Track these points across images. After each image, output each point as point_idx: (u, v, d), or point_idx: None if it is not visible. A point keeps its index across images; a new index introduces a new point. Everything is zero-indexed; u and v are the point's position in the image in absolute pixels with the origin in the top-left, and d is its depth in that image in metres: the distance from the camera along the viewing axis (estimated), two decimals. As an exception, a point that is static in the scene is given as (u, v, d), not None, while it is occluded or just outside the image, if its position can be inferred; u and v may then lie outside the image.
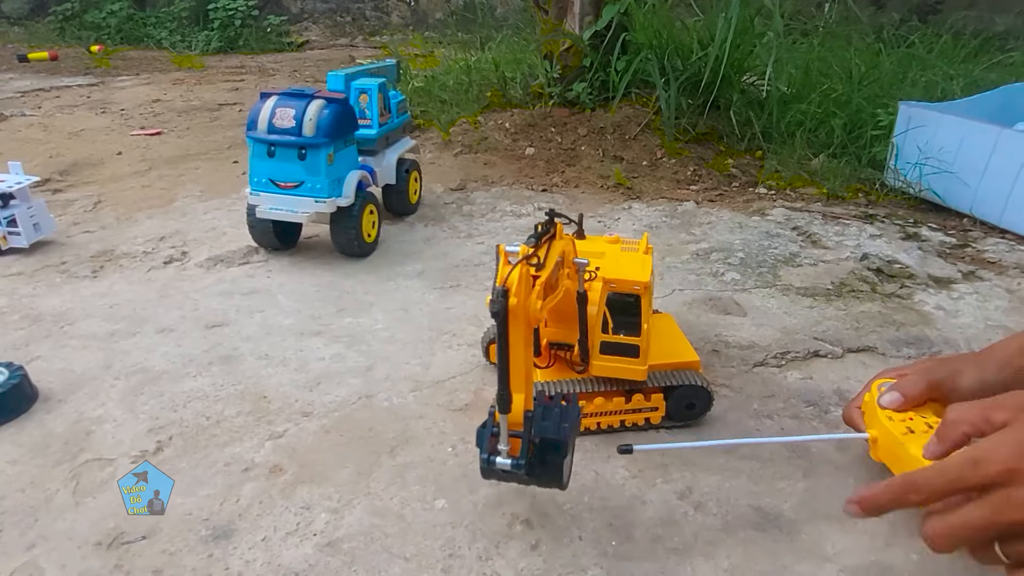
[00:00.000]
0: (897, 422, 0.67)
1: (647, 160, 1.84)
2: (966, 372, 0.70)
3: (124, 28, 4.61)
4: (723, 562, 0.68)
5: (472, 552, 0.69)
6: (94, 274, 1.30)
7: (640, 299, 0.80)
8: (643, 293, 0.80)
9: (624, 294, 0.80)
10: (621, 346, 0.81)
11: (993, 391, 0.66)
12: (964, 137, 1.52)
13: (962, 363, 0.72)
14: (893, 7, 3.27)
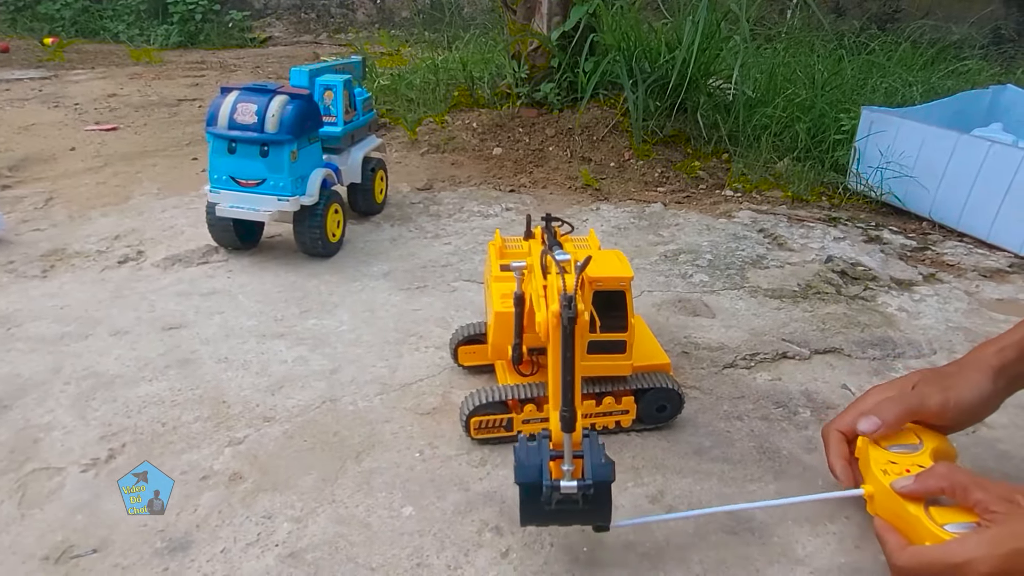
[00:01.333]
0: (893, 475, 0.64)
1: (615, 162, 1.84)
2: (963, 388, 0.69)
3: (79, 20, 4.46)
4: (695, 567, 0.67)
5: (440, 561, 0.67)
6: (44, 274, 1.25)
7: (625, 294, 0.79)
8: (627, 289, 0.79)
9: (611, 293, 0.78)
10: (608, 344, 0.79)
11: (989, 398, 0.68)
12: (924, 142, 1.55)
13: (959, 377, 0.70)
14: (853, 15, 3.34)
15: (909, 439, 0.68)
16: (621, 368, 0.81)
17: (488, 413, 0.81)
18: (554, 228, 0.87)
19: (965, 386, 0.69)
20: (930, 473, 0.62)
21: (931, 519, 0.59)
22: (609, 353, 0.80)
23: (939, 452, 0.67)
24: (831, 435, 0.73)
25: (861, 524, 0.72)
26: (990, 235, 1.46)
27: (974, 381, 0.69)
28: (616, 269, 0.79)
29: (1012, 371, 0.69)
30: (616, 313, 0.78)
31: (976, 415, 0.71)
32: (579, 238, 0.94)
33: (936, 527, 0.58)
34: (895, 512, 0.62)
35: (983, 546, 0.54)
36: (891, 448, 0.67)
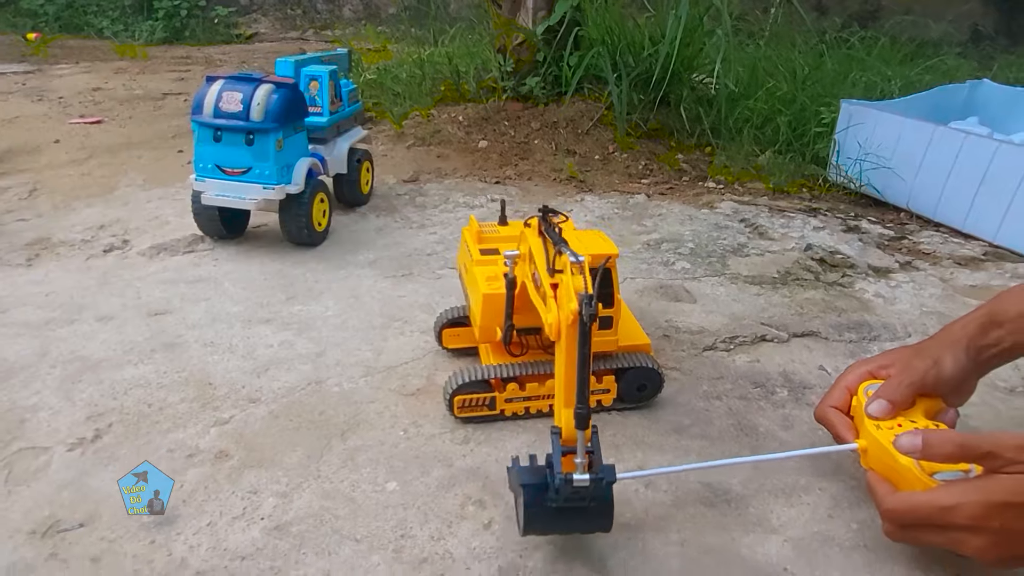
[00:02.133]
0: (885, 430, 0.67)
1: (599, 154, 1.86)
2: (945, 360, 0.71)
3: (63, 16, 4.43)
4: (673, 536, 0.69)
5: (424, 532, 0.68)
6: (29, 262, 1.25)
7: (611, 271, 0.81)
8: (614, 265, 0.80)
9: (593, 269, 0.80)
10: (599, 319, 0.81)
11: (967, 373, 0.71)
12: (901, 134, 1.58)
13: (938, 350, 0.72)
14: (835, 13, 3.38)
15: None
16: (608, 344, 0.83)
17: (472, 392, 0.82)
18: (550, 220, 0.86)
19: (947, 358, 0.71)
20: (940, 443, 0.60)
21: (921, 469, 0.61)
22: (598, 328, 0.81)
23: (930, 409, 0.70)
24: (829, 414, 0.75)
25: (835, 495, 0.75)
26: (965, 225, 1.50)
27: (951, 354, 0.71)
28: (600, 247, 0.81)
29: (977, 343, 0.71)
30: (602, 290, 0.80)
31: (959, 389, 0.72)
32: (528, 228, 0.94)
33: (925, 476, 0.61)
34: (887, 464, 0.65)
35: (972, 493, 0.56)
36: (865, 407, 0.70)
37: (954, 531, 0.57)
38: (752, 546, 0.68)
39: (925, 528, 0.60)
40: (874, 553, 0.67)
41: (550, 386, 0.83)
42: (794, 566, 0.66)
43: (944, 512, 0.57)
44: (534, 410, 0.84)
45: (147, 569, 0.63)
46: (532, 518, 0.61)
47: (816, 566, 0.66)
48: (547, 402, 0.84)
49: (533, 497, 0.61)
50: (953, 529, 0.57)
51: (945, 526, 0.57)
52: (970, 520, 0.55)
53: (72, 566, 0.64)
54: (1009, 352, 0.71)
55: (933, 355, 0.71)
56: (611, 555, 0.66)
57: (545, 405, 0.84)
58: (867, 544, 0.68)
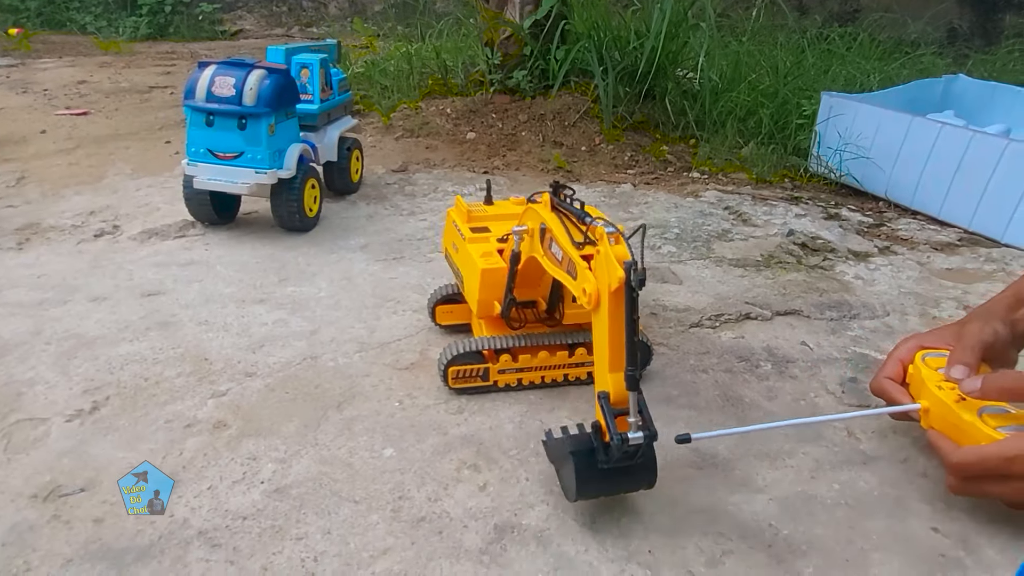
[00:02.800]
0: (947, 390, 0.70)
1: (586, 146, 1.89)
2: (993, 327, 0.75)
3: (44, 11, 4.39)
4: (663, 496, 0.71)
5: (421, 494, 0.70)
6: (19, 246, 1.25)
7: None
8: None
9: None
10: None
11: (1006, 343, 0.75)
12: (880, 125, 1.62)
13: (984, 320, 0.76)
14: (816, 12, 3.44)
15: None
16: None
17: (465, 363, 0.84)
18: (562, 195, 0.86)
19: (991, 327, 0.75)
20: (996, 378, 0.66)
21: (984, 422, 0.65)
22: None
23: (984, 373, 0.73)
24: (885, 384, 0.78)
25: (817, 459, 0.77)
26: (941, 212, 1.54)
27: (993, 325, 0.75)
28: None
29: (1010, 317, 0.76)
30: None
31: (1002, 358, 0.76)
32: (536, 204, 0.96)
33: (991, 429, 0.64)
34: (950, 422, 0.68)
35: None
36: (940, 370, 0.73)
37: (1017, 480, 0.61)
38: (739, 504, 0.70)
39: (990, 479, 0.63)
40: (855, 510, 0.70)
41: (542, 357, 0.85)
42: (779, 522, 0.68)
43: (1009, 462, 0.60)
44: (526, 381, 0.86)
45: (150, 529, 0.65)
46: (585, 482, 0.63)
47: (800, 522, 0.68)
48: (539, 373, 0.86)
49: (584, 463, 0.63)
50: (1016, 478, 0.61)
51: (1009, 475, 0.61)
52: None
53: (75, 527, 0.65)
54: None
55: (983, 321, 0.76)
56: (602, 514, 0.68)
57: (537, 377, 0.86)
58: (848, 502, 0.71)
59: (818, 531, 0.67)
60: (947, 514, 0.69)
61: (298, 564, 0.61)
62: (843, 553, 0.65)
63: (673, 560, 0.63)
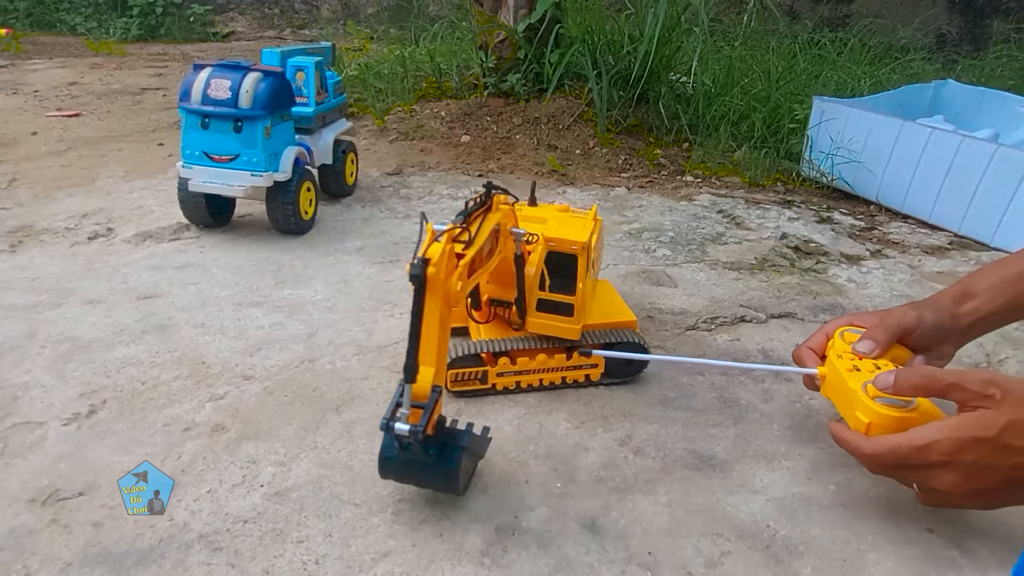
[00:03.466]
0: (846, 360, 0.72)
1: (580, 149, 1.90)
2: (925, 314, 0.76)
3: (34, 12, 4.36)
4: (662, 497, 0.71)
5: (421, 497, 0.70)
6: (12, 248, 1.24)
7: (577, 259, 0.83)
8: (580, 253, 0.82)
9: (563, 255, 0.83)
10: (557, 304, 0.83)
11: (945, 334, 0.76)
12: (871, 129, 1.64)
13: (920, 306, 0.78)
14: (806, 17, 3.47)
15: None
16: (569, 332, 0.84)
17: (464, 366, 0.84)
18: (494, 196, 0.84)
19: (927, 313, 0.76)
20: (909, 375, 0.65)
21: (865, 393, 0.66)
22: (557, 314, 0.84)
23: (897, 358, 0.74)
24: (802, 351, 0.80)
25: (813, 460, 0.78)
26: (931, 216, 1.55)
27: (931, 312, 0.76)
28: (572, 233, 0.82)
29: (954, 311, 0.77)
30: (568, 277, 0.82)
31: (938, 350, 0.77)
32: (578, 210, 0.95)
33: (867, 399, 0.66)
34: (839, 388, 0.71)
35: (945, 430, 0.60)
36: (852, 344, 0.75)
37: (928, 468, 0.61)
38: (737, 505, 0.71)
39: (902, 468, 0.63)
40: (851, 511, 0.71)
41: (540, 360, 0.86)
42: (776, 523, 0.69)
43: (920, 451, 0.61)
44: (525, 384, 0.87)
45: (150, 532, 0.65)
46: (386, 461, 0.66)
47: (797, 522, 0.69)
48: (537, 376, 0.87)
49: (389, 443, 0.65)
50: (927, 467, 0.61)
51: (920, 464, 0.61)
52: (943, 456, 0.59)
53: (74, 531, 0.65)
54: (984, 321, 0.77)
55: (915, 308, 0.77)
56: (602, 515, 0.69)
57: (535, 379, 0.87)
58: (844, 503, 0.72)
59: (815, 532, 0.68)
60: (941, 515, 0.70)
61: (300, 567, 0.61)
62: (840, 553, 0.66)
63: (672, 561, 0.64)
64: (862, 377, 0.69)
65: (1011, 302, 0.76)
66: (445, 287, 0.62)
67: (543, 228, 0.85)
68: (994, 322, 0.78)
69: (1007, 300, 0.76)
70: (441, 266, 0.60)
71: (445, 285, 0.62)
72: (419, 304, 0.61)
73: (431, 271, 0.60)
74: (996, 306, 0.76)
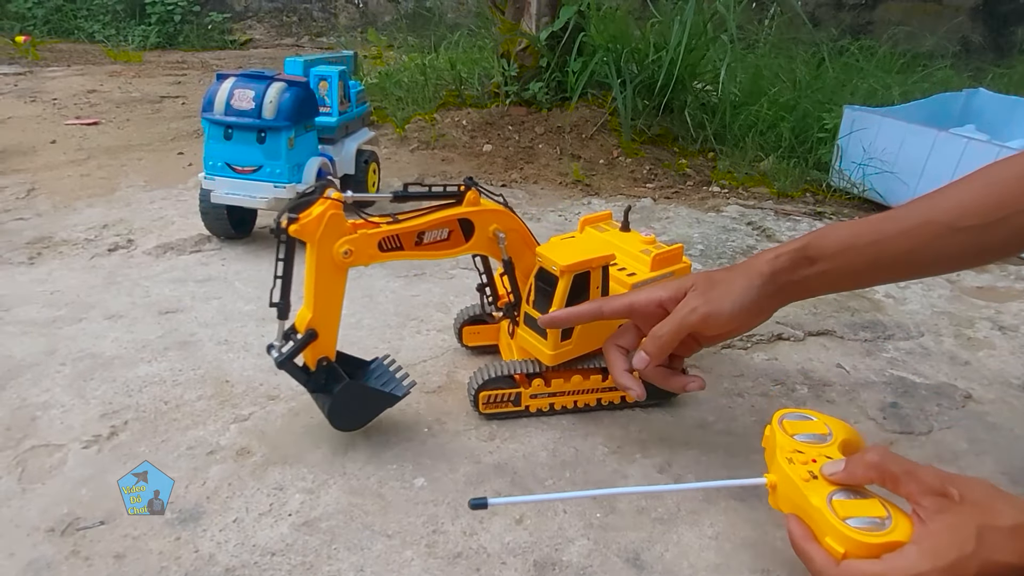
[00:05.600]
0: (798, 465, 0.59)
1: (604, 159, 1.86)
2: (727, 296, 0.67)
3: (52, 20, 4.39)
4: (707, 530, 0.68)
5: (456, 527, 0.67)
6: (31, 260, 1.23)
7: (558, 280, 0.77)
8: (560, 276, 0.76)
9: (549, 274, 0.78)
10: (536, 323, 0.79)
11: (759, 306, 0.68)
12: (904, 139, 1.60)
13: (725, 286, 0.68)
14: (829, 24, 3.42)
15: (818, 429, 0.64)
16: (541, 355, 0.80)
17: (496, 388, 0.81)
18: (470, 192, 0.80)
19: (727, 296, 0.67)
20: (860, 459, 0.56)
21: (833, 513, 0.54)
22: (534, 332, 0.80)
23: (848, 444, 0.63)
24: (610, 350, 0.74)
25: (865, 491, 0.74)
26: (969, 229, 1.51)
27: (738, 288, 0.67)
28: (563, 256, 0.77)
29: (782, 279, 0.67)
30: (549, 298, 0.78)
31: (739, 323, 0.69)
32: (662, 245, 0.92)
33: (838, 521, 0.53)
34: (797, 504, 0.58)
35: (926, 559, 0.49)
36: (797, 437, 0.63)
37: None
38: (786, 540, 0.67)
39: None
40: (910, 547, 0.67)
41: (575, 382, 0.83)
42: (832, 560, 0.65)
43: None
44: (559, 406, 0.83)
45: (174, 566, 0.62)
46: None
47: (854, 560, 0.65)
48: (572, 398, 0.83)
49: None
50: None
51: None
52: None
53: (95, 564, 0.62)
54: (816, 289, 0.70)
55: (712, 295, 0.68)
56: (647, 548, 0.65)
57: (570, 401, 0.83)
58: (902, 538, 0.68)
59: (873, 570, 0.64)
60: None
61: (331, 605, 0.58)
62: (902, 595, 0.62)
63: (724, 602, 0.60)
64: (823, 488, 0.57)
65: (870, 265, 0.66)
66: (322, 245, 0.68)
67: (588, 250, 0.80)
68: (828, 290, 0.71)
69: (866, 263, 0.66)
70: (310, 227, 0.67)
71: (322, 243, 0.68)
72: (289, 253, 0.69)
73: (293, 228, 0.67)
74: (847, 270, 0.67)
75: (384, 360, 0.83)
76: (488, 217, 0.78)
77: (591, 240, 0.89)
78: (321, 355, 0.75)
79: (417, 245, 0.76)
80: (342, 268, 0.72)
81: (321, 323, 0.74)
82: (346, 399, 0.75)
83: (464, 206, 0.77)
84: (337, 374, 0.76)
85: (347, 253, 0.70)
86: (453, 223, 0.77)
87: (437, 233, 0.76)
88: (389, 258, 0.75)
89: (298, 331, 0.74)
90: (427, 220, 0.75)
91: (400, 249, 0.75)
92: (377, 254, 0.73)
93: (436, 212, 0.76)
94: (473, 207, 0.77)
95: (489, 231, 0.78)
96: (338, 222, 0.69)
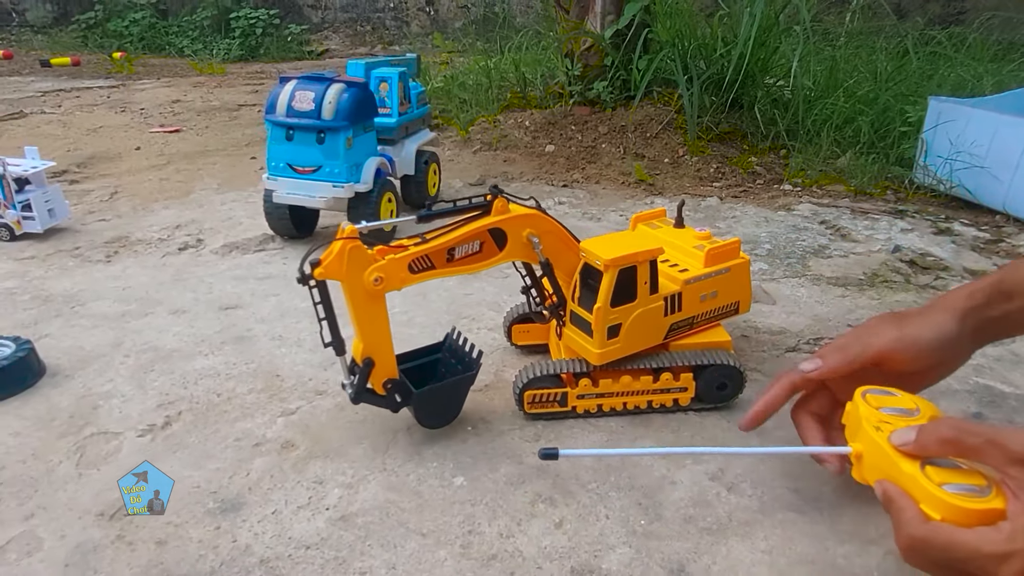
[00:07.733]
0: (886, 432, 0.55)
1: (669, 158, 1.81)
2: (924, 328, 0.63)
3: (146, 36, 4.66)
4: (760, 543, 0.63)
5: (492, 529, 0.65)
6: (108, 259, 1.29)
7: (602, 275, 0.74)
8: (605, 271, 0.73)
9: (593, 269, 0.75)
10: (582, 320, 0.77)
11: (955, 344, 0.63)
12: (996, 132, 1.48)
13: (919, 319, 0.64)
14: (915, 14, 3.24)
15: (905, 404, 0.59)
16: (589, 355, 0.77)
17: (542, 387, 0.79)
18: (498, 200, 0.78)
19: (924, 324, 0.63)
20: (933, 432, 0.52)
21: (928, 479, 0.50)
22: (581, 331, 0.77)
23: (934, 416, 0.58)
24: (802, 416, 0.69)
25: (940, 507, 0.68)
26: (1072, 227, 1.38)
27: (935, 320, 0.63)
28: (608, 250, 0.74)
29: (980, 315, 0.63)
30: (594, 293, 0.75)
31: (938, 358, 0.63)
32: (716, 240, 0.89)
33: (934, 487, 0.50)
34: (886, 472, 0.54)
35: (1021, 537, 0.45)
36: (883, 410, 0.58)
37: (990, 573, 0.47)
38: (849, 557, 0.62)
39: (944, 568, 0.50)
40: (990, 571, 0.60)
41: (625, 383, 0.79)
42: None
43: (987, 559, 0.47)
44: (607, 408, 0.80)
45: (212, 554, 0.62)
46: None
47: (923, 582, 0.59)
48: (621, 400, 0.80)
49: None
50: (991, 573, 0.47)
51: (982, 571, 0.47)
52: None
53: (138, 549, 0.63)
54: (1015, 327, 0.65)
55: (908, 322, 0.64)
56: (692, 559, 0.61)
57: (619, 403, 0.80)
58: (981, 561, 0.61)
59: (946, 595, 0.58)
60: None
61: (361, 602, 0.57)
62: (979, 623, 0.55)
63: (775, 620, 0.56)
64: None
65: None
66: (351, 279, 0.68)
67: (635, 244, 0.77)
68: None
69: None
70: (333, 266, 0.67)
71: (350, 277, 0.68)
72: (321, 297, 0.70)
73: (318, 271, 0.67)
74: None
75: (453, 335, 0.83)
76: (519, 223, 0.76)
77: (640, 236, 0.86)
78: (384, 378, 0.74)
79: (449, 262, 0.74)
80: (377, 296, 0.71)
81: (374, 350, 0.73)
82: (422, 405, 0.76)
83: (492, 215, 0.74)
84: (406, 389, 0.75)
85: (378, 280, 0.69)
86: (484, 234, 0.75)
87: (468, 247, 0.75)
88: (423, 278, 0.73)
89: (357, 363, 0.74)
90: (455, 236, 0.73)
91: (432, 268, 0.73)
92: (409, 276, 0.72)
93: (463, 226, 0.73)
94: (502, 215, 0.74)
95: (523, 236, 0.76)
96: (359, 254, 0.68)
